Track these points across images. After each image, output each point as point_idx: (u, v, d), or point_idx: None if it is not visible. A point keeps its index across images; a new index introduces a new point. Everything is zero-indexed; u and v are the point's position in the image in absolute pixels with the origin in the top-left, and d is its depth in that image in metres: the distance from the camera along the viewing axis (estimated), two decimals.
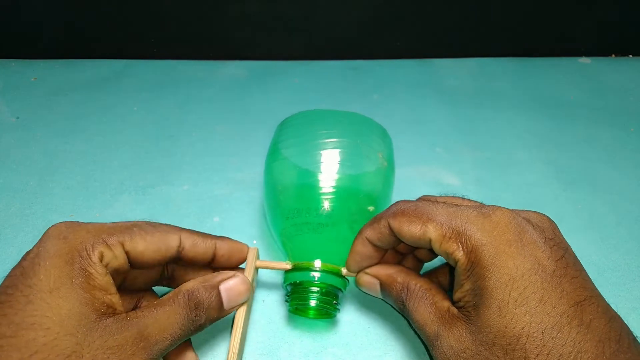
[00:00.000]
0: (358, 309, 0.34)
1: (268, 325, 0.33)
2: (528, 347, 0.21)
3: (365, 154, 0.33)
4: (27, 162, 0.46)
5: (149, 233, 0.26)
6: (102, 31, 0.60)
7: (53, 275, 0.22)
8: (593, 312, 0.22)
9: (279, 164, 0.33)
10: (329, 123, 0.34)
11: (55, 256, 0.22)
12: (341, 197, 0.31)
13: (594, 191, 0.44)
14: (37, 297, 0.21)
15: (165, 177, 0.44)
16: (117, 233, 0.25)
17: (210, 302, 0.26)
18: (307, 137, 0.33)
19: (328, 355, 0.31)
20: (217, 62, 0.62)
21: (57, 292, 0.21)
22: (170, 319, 0.24)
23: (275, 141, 0.35)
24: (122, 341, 0.22)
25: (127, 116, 0.52)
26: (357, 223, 0.31)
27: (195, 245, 0.28)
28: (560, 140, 0.50)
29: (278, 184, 0.33)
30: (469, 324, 0.24)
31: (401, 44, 0.63)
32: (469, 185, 0.44)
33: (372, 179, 0.33)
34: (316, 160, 0.32)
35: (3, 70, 0.58)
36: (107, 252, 0.24)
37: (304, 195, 0.32)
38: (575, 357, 0.21)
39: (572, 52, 0.64)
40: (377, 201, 0.33)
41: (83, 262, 0.23)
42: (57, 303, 0.21)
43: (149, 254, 0.25)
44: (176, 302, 0.24)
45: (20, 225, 0.39)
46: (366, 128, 0.35)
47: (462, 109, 0.54)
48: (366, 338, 0.32)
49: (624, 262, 0.38)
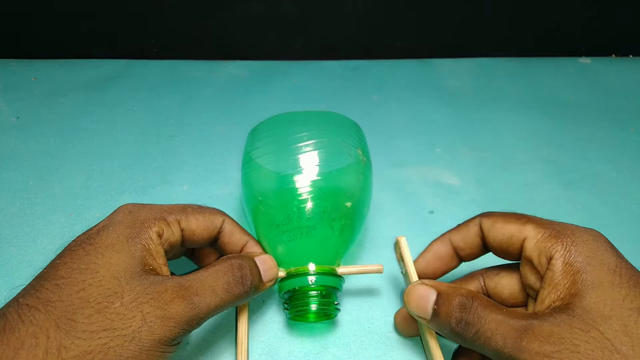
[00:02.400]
0: (358, 309, 0.34)
1: (268, 325, 0.33)
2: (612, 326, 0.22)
3: (346, 151, 0.33)
4: (27, 162, 0.45)
5: (200, 213, 0.29)
6: (102, 31, 0.60)
7: (112, 236, 0.25)
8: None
9: (256, 173, 0.33)
10: (303, 125, 0.33)
11: (118, 223, 0.26)
12: (329, 196, 0.31)
13: (594, 191, 0.44)
14: (94, 250, 0.24)
15: (165, 177, 0.44)
16: (175, 212, 0.28)
17: (251, 268, 0.27)
18: (281, 142, 0.33)
19: (328, 355, 0.31)
20: (217, 62, 0.62)
21: (112, 247, 0.24)
22: (213, 277, 0.26)
23: (248, 150, 0.34)
24: (162, 289, 0.24)
25: (127, 116, 0.52)
26: (344, 219, 0.31)
27: (232, 234, 0.30)
28: (560, 140, 0.50)
29: (259, 193, 0.32)
30: (565, 313, 0.23)
31: (401, 44, 0.63)
32: (469, 185, 0.44)
33: (354, 174, 0.33)
34: (295, 164, 0.32)
35: (3, 70, 0.58)
36: (166, 229, 0.27)
37: (291, 200, 0.31)
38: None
39: (572, 52, 0.64)
40: (360, 196, 0.33)
41: (141, 230, 0.26)
42: (110, 255, 0.24)
43: (199, 231, 0.28)
44: (219, 265, 0.27)
45: (20, 225, 0.39)
46: (341, 125, 0.34)
47: (462, 109, 0.54)
48: (366, 338, 0.32)
49: None
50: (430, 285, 0.26)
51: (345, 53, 0.63)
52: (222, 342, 0.32)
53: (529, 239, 0.26)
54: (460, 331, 0.24)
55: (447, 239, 0.30)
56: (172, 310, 0.23)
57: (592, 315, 0.22)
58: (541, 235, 0.25)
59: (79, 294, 0.22)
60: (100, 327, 0.22)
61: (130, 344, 0.22)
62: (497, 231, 0.27)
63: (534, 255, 0.26)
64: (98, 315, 0.22)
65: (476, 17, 0.61)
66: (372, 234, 0.39)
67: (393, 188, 0.44)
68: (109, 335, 0.22)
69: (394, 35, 0.62)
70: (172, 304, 0.23)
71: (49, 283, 0.23)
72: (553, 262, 0.24)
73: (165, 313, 0.23)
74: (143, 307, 0.23)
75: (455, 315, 0.24)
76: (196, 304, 0.24)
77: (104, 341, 0.21)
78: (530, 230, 0.26)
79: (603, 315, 0.22)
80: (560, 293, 0.24)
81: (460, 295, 0.25)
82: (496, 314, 0.23)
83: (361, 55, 0.63)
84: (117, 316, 0.22)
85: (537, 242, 0.25)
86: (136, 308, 0.23)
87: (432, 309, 0.25)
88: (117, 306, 0.22)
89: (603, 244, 0.25)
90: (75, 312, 0.22)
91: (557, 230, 0.25)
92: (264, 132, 0.34)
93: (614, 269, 0.23)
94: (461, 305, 0.24)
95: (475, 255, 0.30)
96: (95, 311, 0.22)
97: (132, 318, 0.22)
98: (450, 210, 0.42)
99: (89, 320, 0.22)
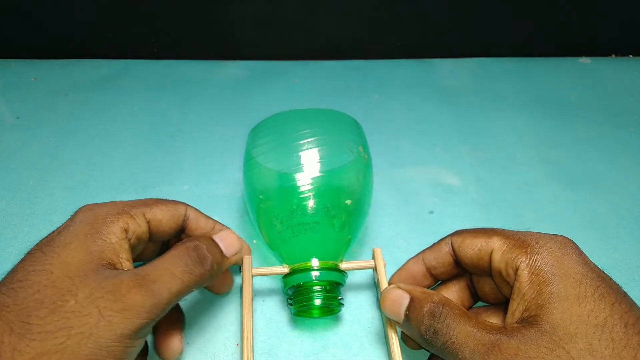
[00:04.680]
0: (358, 308, 0.34)
1: (268, 325, 0.33)
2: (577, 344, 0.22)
3: (347, 149, 0.33)
4: (27, 162, 0.45)
5: (162, 204, 0.29)
6: (102, 31, 0.60)
7: (71, 235, 0.25)
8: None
9: (257, 172, 0.33)
10: (303, 122, 0.34)
11: (79, 222, 0.25)
12: (329, 193, 0.32)
13: (594, 191, 0.44)
14: (51, 251, 0.24)
15: (165, 176, 0.44)
16: (138, 205, 0.28)
17: (208, 246, 0.27)
18: (282, 140, 0.33)
19: (328, 355, 0.31)
20: (217, 62, 0.62)
21: (69, 245, 0.24)
22: (169, 262, 0.25)
23: (249, 149, 0.35)
24: (117, 281, 0.23)
25: (127, 116, 0.52)
26: (345, 216, 0.32)
27: (198, 219, 0.31)
28: (560, 140, 0.50)
29: (260, 191, 0.33)
30: (532, 328, 0.23)
31: (401, 44, 0.63)
32: (469, 185, 0.44)
33: (355, 172, 0.33)
34: (296, 162, 0.32)
35: (3, 70, 0.58)
36: (131, 222, 0.26)
37: (292, 198, 0.31)
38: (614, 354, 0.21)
39: (572, 52, 0.64)
40: (360, 193, 0.33)
41: (102, 225, 0.25)
42: (66, 254, 0.24)
43: (165, 221, 0.28)
44: (174, 250, 0.26)
45: (20, 225, 0.39)
46: (342, 123, 0.35)
47: (462, 109, 0.54)
48: (366, 338, 0.32)
49: (624, 262, 0.38)
50: (404, 289, 0.26)
51: (345, 53, 0.63)
52: (222, 341, 0.32)
53: (495, 251, 0.26)
54: (429, 339, 0.24)
55: (420, 259, 0.30)
56: (131, 301, 0.23)
57: (558, 332, 0.22)
58: (506, 247, 0.26)
59: (34, 296, 0.22)
60: (56, 327, 0.21)
61: (88, 340, 0.21)
62: (466, 247, 0.27)
63: (501, 267, 0.26)
64: (53, 316, 0.22)
65: (476, 17, 0.61)
66: (372, 234, 0.39)
67: (393, 188, 0.44)
68: (65, 334, 0.21)
69: (394, 35, 0.62)
70: (129, 295, 0.23)
71: (5, 287, 0.23)
72: (519, 272, 0.24)
73: (123, 305, 0.23)
74: (99, 302, 0.22)
75: (424, 322, 0.25)
76: (155, 291, 0.24)
77: (60, 340, 0.21)
78: (496, 242, 0.26)
79: (569, 333, 0.22)
80: (527, 304, 0.24)
81: (431, 302, 0.25)
82: (465, 325, 0.24)
83: (361, 55, 0.63)
84: (72, 314, 0.22)
85: (502, 253, 0.26)
86: (91, 304, 0.22)
87: (405, 314, 0.26)
88: (71, 304, 0.22)
89: (569, 252, 0.25)
90: (29, 315, 0.22)
91: (522, 240, 0.25)
92: (265, 131, 0.34)
93: (579, 279, 0.23)
94: (430, 313, 0.24)
95: (449, 273, 0.30)
96: (49, 311, 0.22)
97: (88, 315, 0.22)
98: (450, 210, 0.42)
99: (43, 321, 0.21)
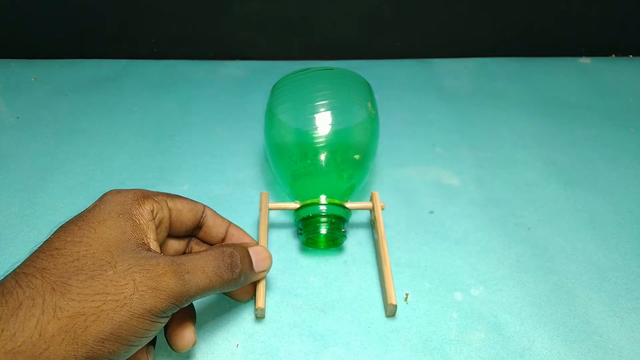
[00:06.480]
0: (358, 308, 0.34)
1: (268, 325, 0.33)
2: None
3: (358, 106, 0.38)
4: (27, 162, 0.46)
5: (182, 198, 0.30)
6: (102, 31, 0.60)
7: (104, 212, 0.26)
8: None
9: (278, 129, 0.38)
10: (320, 82, 0.38)
11: (109, 202, 0.27)
12: (340, 149, 0.37)
13: (594, 191, 0.44)
14: (87, 226, 0.25)
15: (165, 177, 0.44)
16: (161, 194, 0.29)
17: (242, 256, 0.29)
18: (300, 101, 0.38)
19: (328, 355, 0.31)
20: (217, 62, 0.62)
21: (104, 222, 0.25)
22: (205, 259, 0.27)
23: (271, 106, 0.39)
24: (154, 262, 0.24)
25: (127, 116, 0.52)
26: (352, 169, 0.37)
27: (215, 218, 0.32)
28: (560, 140, 0.50)
29: (280, 144, 0.38)
30: None
31: (401, 44, 0.63)
32: (469, 185, 0.44)
33: (363, 129, 0.38)
34: (312, 121, 0.37)
35: (3, 70, 0.58)
36: (155, 205, 0.28)
37: (309, 151, 0.37)
38: None
39: (572, 52, 0.64)
40: (368, 147, 0.38)
41: (132, 206, 0.27)
42: (102, 229, 0.25)
43: (185, 212, 0.30)
44: (211, 250, 0.28)
45: (20, 225, 0.39)
46: (355, 82, 0.39)
47: (462, 109, 0.54)
48: (366, 338, 0.32)
49: (624, 262, 0.38)
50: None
51: (345, 53, 0.63)
52: (222, 341, 0.32)
53: None
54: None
55: None
56: (164, 283, 0.24)
57: None
58: None
59: (73, 264, 0.23)
60: (94, 291, 0.23)
61: (122, 309, 0.23)
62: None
63: None
64: (92, 281, 0.23)
65: (476, 17, 0.61)
66: None
67: (393, 188, 0.44)
68: (102, 299, 0.22)
69: (394, 35, 0.62)
70: (163, 277, 0.24)
71: (44, 254, 0.24)
72: None
73: (156, 284, 0.24)
74: (135, 276, 0.24)
75: None
76: (187, 281, 0.25)
77: (97, 304, 0.22)
78: None
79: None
80: None
81: None
82: None
83: (361, 55, 0.63)
84: (110, 282, 0.23)
85: None
86: (129, 276, 0.23)
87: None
88: (110, 274, 0.23)
89: None
90: (70, 277, 0.23)
91: None
92: (285, 89, 0.39)
93: None
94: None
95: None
96: (88, 277, 0.23)
97: (125, 285, 0.23)
98: (450, 210, 0.42)
99: (83, 284, 0.23)
